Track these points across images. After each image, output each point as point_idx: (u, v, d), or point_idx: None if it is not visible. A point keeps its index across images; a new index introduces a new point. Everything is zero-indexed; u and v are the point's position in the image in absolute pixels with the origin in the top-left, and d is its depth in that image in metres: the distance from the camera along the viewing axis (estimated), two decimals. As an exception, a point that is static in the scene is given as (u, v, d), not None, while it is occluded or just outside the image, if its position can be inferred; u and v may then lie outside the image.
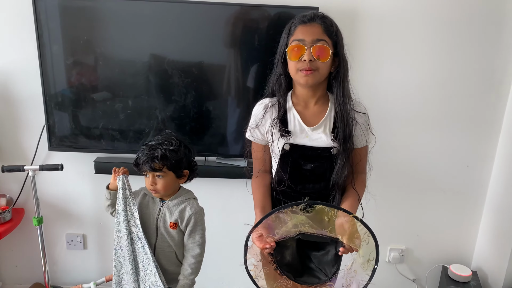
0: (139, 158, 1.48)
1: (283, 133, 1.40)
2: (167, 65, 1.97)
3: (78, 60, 1.97)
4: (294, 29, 1.35)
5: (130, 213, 1.52)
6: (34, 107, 2.09)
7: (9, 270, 2.41)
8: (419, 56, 2.07)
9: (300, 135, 1.40)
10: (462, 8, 2.00)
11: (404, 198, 2.29)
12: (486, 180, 2.27)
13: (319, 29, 1.32)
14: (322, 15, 1.35)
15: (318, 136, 1.40)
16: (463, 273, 2.22)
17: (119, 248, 1.58)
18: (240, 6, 1.90)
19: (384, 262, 2.43)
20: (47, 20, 1.90)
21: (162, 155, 1.45)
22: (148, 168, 1.46)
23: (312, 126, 1.40)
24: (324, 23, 1.33)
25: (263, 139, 1.47)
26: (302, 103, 1.43)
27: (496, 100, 2.14)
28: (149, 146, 1.48)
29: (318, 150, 1.40)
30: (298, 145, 1.40)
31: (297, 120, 1.41)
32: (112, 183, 1.55)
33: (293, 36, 1.34)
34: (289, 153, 1.41)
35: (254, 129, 1.46)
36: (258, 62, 1.97)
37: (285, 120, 1.42)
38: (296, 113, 1.42)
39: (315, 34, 1.31)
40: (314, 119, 1.41)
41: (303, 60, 1.30)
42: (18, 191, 2.21)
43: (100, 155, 2.16)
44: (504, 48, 2.05)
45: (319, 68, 1.32)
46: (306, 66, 1.30)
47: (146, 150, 1.47)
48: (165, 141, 1.49)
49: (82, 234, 2.36)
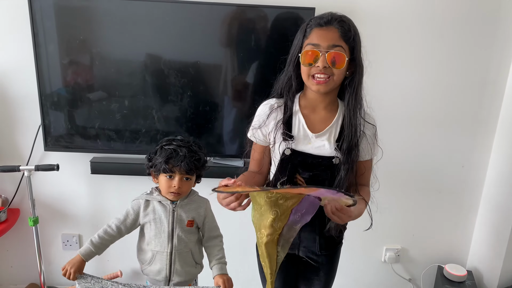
0: (172, 158, 1.41)
1: (285, 137, 1.34)
2: (163, 65, 1.97)
3: (74, 60, 1.96)
4: (309, 32, 1.27)
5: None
6: (29, 107, 2.08)
7: (4, 270, 2.40)
8: (415, 57, 2.08)
9: (303, 141, 1.35)
10: (457, 10, 2.01)
11: (399, 198, 2.30)
12: (481, 181, 2.29)
13: (335, 34, 1.24)
14: (340, 19, 1.26)
15: (321, 143, 1.34)
16: (458, 272, 2.23)
17: None
18: (237, 6, 1.90)
19: (379, 262, 2.44)
20: (43, 19, 1.90)
21: (203, 159, 1.45)
22: (186, 171, 1.43)
23: (317, 132, 1.34)
24: (342, 28, 1.25)
25: (265, 140, 1.41)
26: (310, 107, 1.37)
27: (491, 101, 2.15)
28: (185, 148, 1.43)
29: (319, 158, 1.34)
30: (299, 151, 1.35)
31: (301, 124, 1.35)
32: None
33: (308, 40, 1.27)
34: (289, 159, 1.35)
35: (257, 129, 1.40)
36: (255, 62, 1.97)
37: (290, 124, 1.36)
38: (302, 117, 1.36)
39: (331, 40, 1.24)
40: (320, 125, 1.35)
41: (317, 66, 1.24)
42: (13, 191, 2.20)
43: (96, 155, 2.16)
44: (498, 49, 2.07)
45: (333, 74, 1.26)
46: (320, 72, 1.25)
47: (181, 152, 1.42)
48: (193, 144, 1.46)
49: (78, 235, 2.35)
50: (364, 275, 2.44)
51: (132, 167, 2.08)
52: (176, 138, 1.49)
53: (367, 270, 2.43)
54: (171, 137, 1.50)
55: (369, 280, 2.48)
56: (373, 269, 2.46)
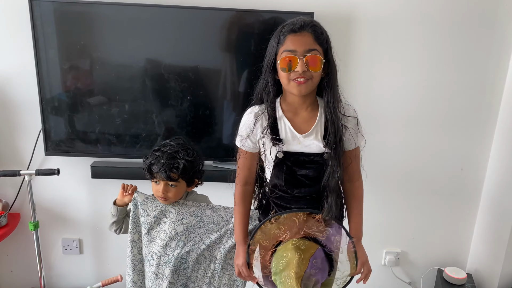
0: (153, 164, 1.44)
1: (275, 141, 1.39)
2: (163, 70, 1.98)
3: (74, 65, 1.97)
4: (284, 39, 1.32)
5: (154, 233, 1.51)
6: (30, 111, 2.09)
7: (4, 275, 2.40)
8: (413, 60, 2.09)
9: (292, 142, 1.40)
10: (455, 13, 2.02)
11: (399, 201, 2.31)
12: (480, 183, 2.29)
13: (310, 38, 1.30)
14: (312, 23, 1.32)
15: (310, 142, 1.39)
16: (458, 275, 2.23)
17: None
18: (236, 11, 1.91)
19: (379, 265, 2.44)
20: (43, 25, 1.91)
21: (182, 166, 1.44)
22: (165, 178, 1.44)
23: (304, 132, 1.39)
24: (315, 32, 1.31)
25: (255, 147, 1.45)
26: (292, 110, 1.42)
27: (489, 103, 2.16)
28: (166, 154, 1.44)
29: (311, 155, 1.40)
30: (291, 152, 1.40)
31: (288, 127, 1.40)
32: (120, 199, 1.52)
33: (284, 46, 1.32)
34: (282, 161, 1.40)
35: (246, 138, 1.44)
36: (254, 67, 1.98)
37: (276, 128, 1.41)
38: (287, 120, 1.41)
39: (307, 44, 1.30)
40: (305, 125, 1.41)
41: (296, 71, 1.29)
42: (14, 195, 2.20)
43: (97, 159, 2.16)
44: (497, 51, 2.08)
45: (312, 77, 1.31)
46: (299, 76, 1.30)
47: (163, 159, 1.43)
48: (181, 150, 1.46)
49: (78, 239, 2.35)
50: (364, 278, 2.44)
51: (133, 172, 2.08)
52: (169, 143, 1.49)
53: (367, 273, 2.43)
54: (166, 141, 1.51)
55: (369, 283, 2.46)
56: (373, 273, 2.42)
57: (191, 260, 1.50)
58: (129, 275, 1.53)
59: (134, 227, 1.50)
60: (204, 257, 1.52)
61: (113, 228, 1.56)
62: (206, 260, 1.52)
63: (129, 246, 1.52)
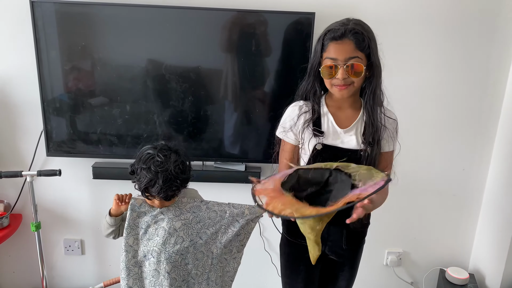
0: (150, 187, 1.38)
1: (316, 133, 1.43)
2: (164, 70, 1.98)
3: (75, 66, 1.97)
4: (326, 45, 1.35)
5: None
6: (32, 112, 2.09)
7: (6, 276, 2.40)
8: (415, 60, 2.08)
9: (332, 136, 1.44)
10: (456, 13, 2.02)
11: (401, 201, 2.30)
12: (482, 183, 2.29)
13: (351, 46, 1.32)
14: (354, 30, 1.33)
15: (350, 138, 1.43)
16: (460, 276, 2.23)
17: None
18: (237, 11, 1.91)
19: (381, 265, 2.44)
20: (45, 26, 1.91)
21: (180, 184, 1.42)
22: (164, 199, 1.43)
23: (345, 128, 1.44)
24: (356, 39, 1.32)
25: (296, 140, 1.49)
26: (336, 106, 1.46)
27: (491, 103, 2.15)
28: (162, 177, 1.37)
29: (349, 152, 1.42)
30: (330, 145, 1.43)
31: (330, 122, 1.44)
32: (115, 209, 1.49)
33: (326, 53, 1.36)
34: (320, 153, 1.43)
35: (288, 129, 1.48)
36: (255, 67, 1.98)
37: (319, 121, 1.45)
38: (330, 114, 1.45)
39: (348, 52, 1.32)
40: (346, 121, 1.45)
41: (337, 78, 1.34)
42: (16, 196, 2.21)
43: (98, 160, 2.17)
44: (498, 51, 2.07)
45: (353, 82, 1.35)
46: (340, 83, 1.34)
47: (160, 180, 1.36)
48: (173, 167, 1.39)
49: (80, 240, 2.35)
50: (366, 278, 2.43)
51: (134, 172, 2.08)
52: (156, 158, 1.39)
53: (369, 273, 2.43)
54: (150, 152, 1.41)
55: (371, 283, 2.48)
56: (375, 273, 2.45)
57: (190, 255, 1.50)
58: (123, 280, 1.52)
59: (129, 231, 1.49)
60: (202, 253, 1.53)
61: (110, 236, 1.55)
62: (204, 256, 1.53)
63: (123, 250, 1.50)
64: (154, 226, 1.49)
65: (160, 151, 1.40)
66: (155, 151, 1.40)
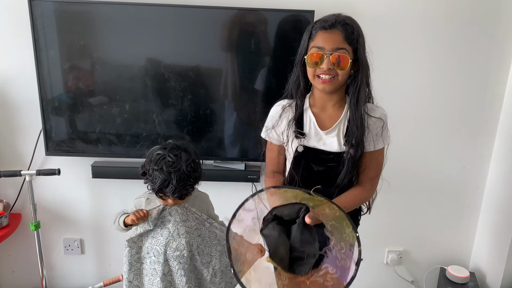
0: (164, 187, 1.38)
1: (298, 134, 1.40)
2: (163, 69, 1.97)
3: (74, 65, 1.97)
4: (315, 34, 1.33)
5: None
6: (31, 111, 2.08)
7: (6, 275, 2.40)
8: (415, 58, 2.08)
9: (314, 138, 1.41)
10: (456, 12, 2.01)
11: (401, 200, 2.30)
12: (482, 182, 2.28)
13: (339, 36, 1.30)
14: (344, 22, 1.31)
15: (331, 140, 1.40)
16: (461, 274, 2.23)
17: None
18: (237, 10, 1.91)
19: (382, 264, 2.43)
20: (44, 25, 1.90)
21: (194, 183, 1.43)
22: (178, 198, 1.43)
23: (327, 129, 1.40)
24: (346, 30, 1.30)
25: (279, 139, 1.47)
26: (319, 105, 1.43)
27: (491, 102, 2.15)
28: (176, 176, 1.36)
29: (331, 154, 1.40)
30: (311, 148, 1.41)
31: (312, 122, 1.41)
32: (130, 223, 1.47)
33: (314, 42, 1.33)
34: (302, 155, 1.41)
35: (271, 129, 1.46)
36: (255, 66, 1.98)
37: (301, 122, 1.42)
38: (312, 115, 1.42)
39: (335, 42, 1.29)
40: (329, 122, 1.41)
41: (321, 67, 1.30)
42: (15, 196, 2.20)
43: (97, 159, 2.16)
44: (499, 50, 2.07)
45: (337, 75, 1.31)
46: (324, 73, 1.30)
47: (174, 180, 1.36)
48: (185, 166, 1.39)
49: (79, 239, 2.35)
50: (366, 277, 2.43)
51: (134, 171, 2.05)
52: (167, 156, 1.38)
53: (369, 272, 2.43)
54: (160, 153, 1.40)
55: (372, 282, 2.48)
56: (375, 272, 2.45)
57: (188, 267, 1.51)
58: (125, 274, 1.54)
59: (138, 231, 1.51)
60: (196, 271, 1.56)
61: (121, 231, 1.56)
62: (197, 273, 1.56)
63: (127, 246, 1.51)
64: (160, 226, 1.50)
65: (170, 151, 1.40)
66: (165, 151, 1.40)
